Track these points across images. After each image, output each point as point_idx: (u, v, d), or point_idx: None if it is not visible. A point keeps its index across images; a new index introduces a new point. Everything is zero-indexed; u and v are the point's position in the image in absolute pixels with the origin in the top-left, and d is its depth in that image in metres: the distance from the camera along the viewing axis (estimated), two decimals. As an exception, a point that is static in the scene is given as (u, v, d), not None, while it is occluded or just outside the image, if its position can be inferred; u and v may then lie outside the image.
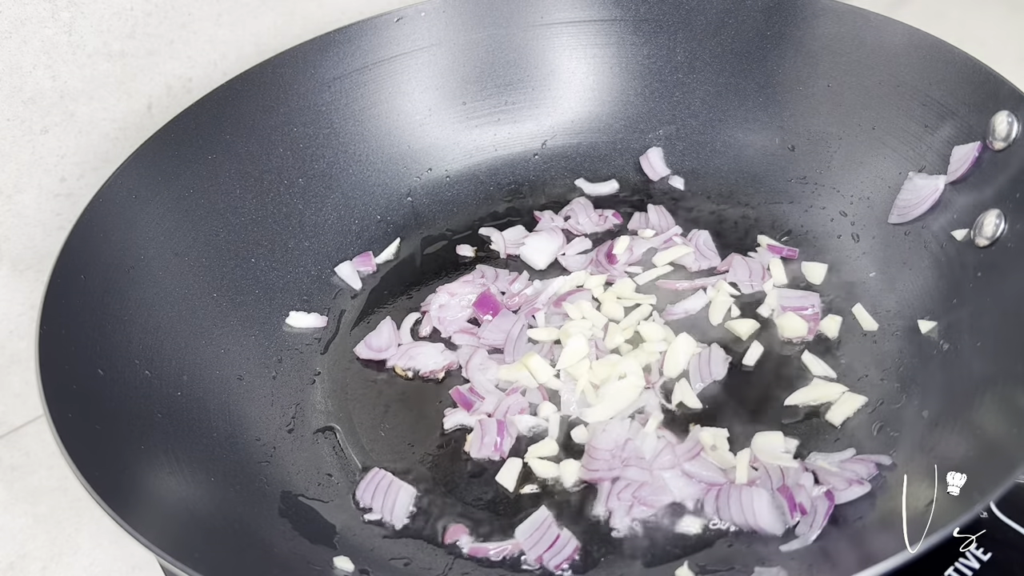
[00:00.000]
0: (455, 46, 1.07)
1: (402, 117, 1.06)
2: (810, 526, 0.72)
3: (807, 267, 0.94)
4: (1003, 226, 0.79)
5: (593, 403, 0.84)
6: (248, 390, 0.88)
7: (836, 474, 0.74)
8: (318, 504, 0.81)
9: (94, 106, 0.94)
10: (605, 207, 1.05)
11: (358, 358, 0.93)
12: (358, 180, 1.04)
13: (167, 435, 0.78)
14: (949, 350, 0.80)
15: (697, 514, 0.75)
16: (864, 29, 0.94)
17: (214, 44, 1.01)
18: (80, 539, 0.89)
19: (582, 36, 1.08)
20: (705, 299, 0.92)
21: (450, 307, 0.96)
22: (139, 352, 0.81)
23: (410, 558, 0.76)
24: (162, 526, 0.68)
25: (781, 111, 1.01)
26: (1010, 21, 1.32)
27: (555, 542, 0.74)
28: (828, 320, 0.88)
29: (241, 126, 0.97)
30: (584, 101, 1.10)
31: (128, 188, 0.87)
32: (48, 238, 0.95)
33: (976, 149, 0.84)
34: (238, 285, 0.93)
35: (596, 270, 0.98)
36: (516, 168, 1.10)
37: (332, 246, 1.01)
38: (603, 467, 0.79)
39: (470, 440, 0.83)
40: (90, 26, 0.91)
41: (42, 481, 0.93)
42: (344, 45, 1.02)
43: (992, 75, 0.84)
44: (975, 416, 0.71)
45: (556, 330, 0.91)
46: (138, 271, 0.85)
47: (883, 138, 0.93)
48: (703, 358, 0.86)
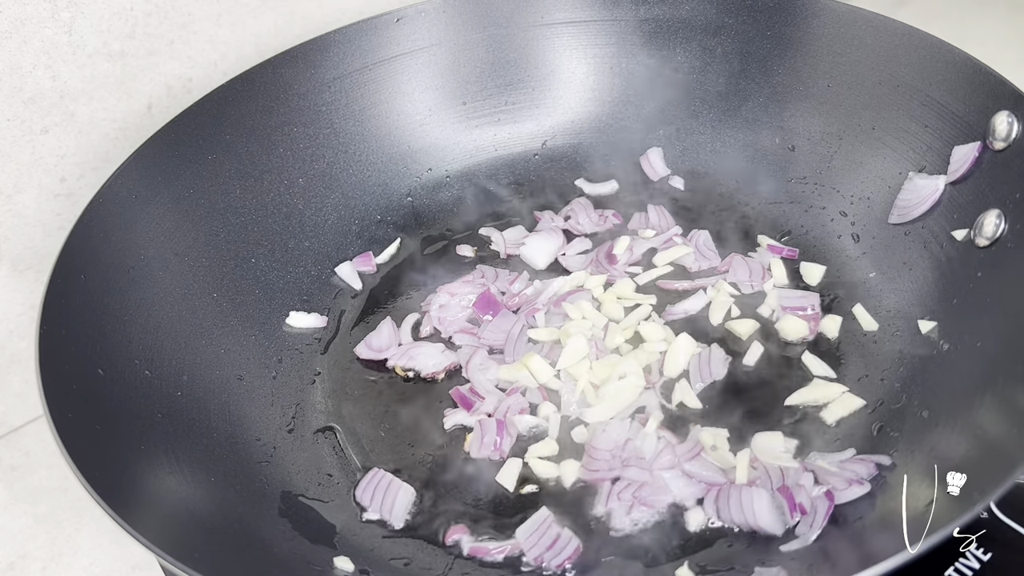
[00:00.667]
0: (455, 46, 1.07)
1: (402, 117, 1.06)
2: (810, 526, 0.72)
3: (805, 268, 0.94)
4: (1003, 226, 0.79)
5: (593, 403, 0.84)
6: (248, 390, 0.88)
7: (836, 474, 0.74)
8: (318, 504, 0.81)
9: (94, 106, 0.94)
10: (605, 207, 1.05)
11: (358, 358, 0.93)
12: (358, 180, 1.04)
13: (167, 435, 0.78)
14: (949, 350, 0.80)
15: (697, 514, 0.75)
16: (864, 29, 0.94)
17: (214, 44, 1.01)
18: (80, 539, 0.89)
19: (582, 36, 1.08)
20: (705, 299, 0.92)
21: (450, 307, 0.96)
22: (139, 352, 0.81)
23: (410, 558, 0.76)
24: (162, 526, 0.68)
25: (781, 111, 1.01)
26: (1010, 21, 1.32)
27: (555, 542, 0.74)
28: (828, 320, 0.88)
29: (241, 126, 0.97)
30: (584, 101, 1.10)
31: (128, 188, 0.87)
32: (48, 238, 0.95)
33: (976, 149, 0.84)
34: (238, 285, 0.93)
35: (596, 270, 0.98)
36: (516, 168, 1.10)
37: (332, 246, 1.01)
38: (603, 467, 0.79)
39: (470, 440, 0.83)
40: (90, 26, 0.91)
41: (42, 481, 0.93)
42: (344, 45, 1.02)
43: (992, 75, 0.84)
44: (975, 416, 0.71)
45: (556, 330, 0.91)
46: (138, 271, 0.85)
47: (883, 138, 0.93)
48: (703, 358, 0.86)
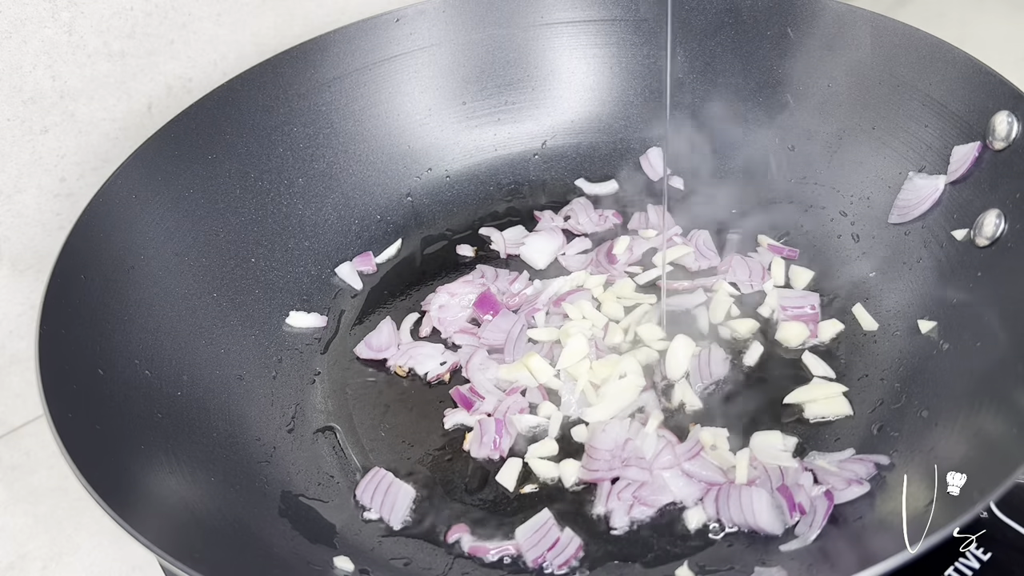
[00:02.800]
0: (455, 46, 1.07)
1: (402, 117, 1.06)
2: (809, 526, 0.72)
3: (794, 271, 0.94)
4: (1003, 226, 0.79)
5: (593, 403, 0.84)
6: (248, 390, 0.88)
7: (835, 474, 0.74)
8: (318, 504, 0.81)
9: (94, 106, 0.94)
10: (605, 207, 1.05)
11: (358, 358, 0.93)
12: (358, 180, 1.04)
13: (167, 435, 0.78)
14: (949, 350, 0.80)
15: (697, 514, 0.75)
16: (864, 29, 0.94)
17: (214, 44, 1.01)
18: (80, 539, 0.89)
19: (582, 36, 1.08)
20: (705, 299, 0.92)
21: (450, 307, 0.96)
22: (139, 352, 0.81)
23: (410, 558, 0.76)
24: (162, 526, 0.68)
25: (781, 111, 1.01)
26: (1010, 21, 1.32)
27: (556, 543, 0.74)
28: (828, 321, 0.88)
29: (241, 126, 0.97)
30: (584, 101, 1.10)
31: (128, 188, 0.87)
32: (48, 238, 0.95)
33: (976, 149, 0.83)
34: (238, 285, 0.93)
35: (596, 270, 0.98)
36: (516, 168, 1.10)
37: (332, 246, 1.01)
38: (603, 467, 0.79)
39: (469, 439, 0.84)
40: (90, 26, 0.91)
41: (42, 481, 0.93)
42: (344, 45, 1.02)
43: (992, 75, 0.83)
44: (975, 416, 0.71)
45: (556, 330, 0.91)
46: (138, 271, 0.85)
47: (883, 138, 0.93)
48: (703, 358, 0.86)
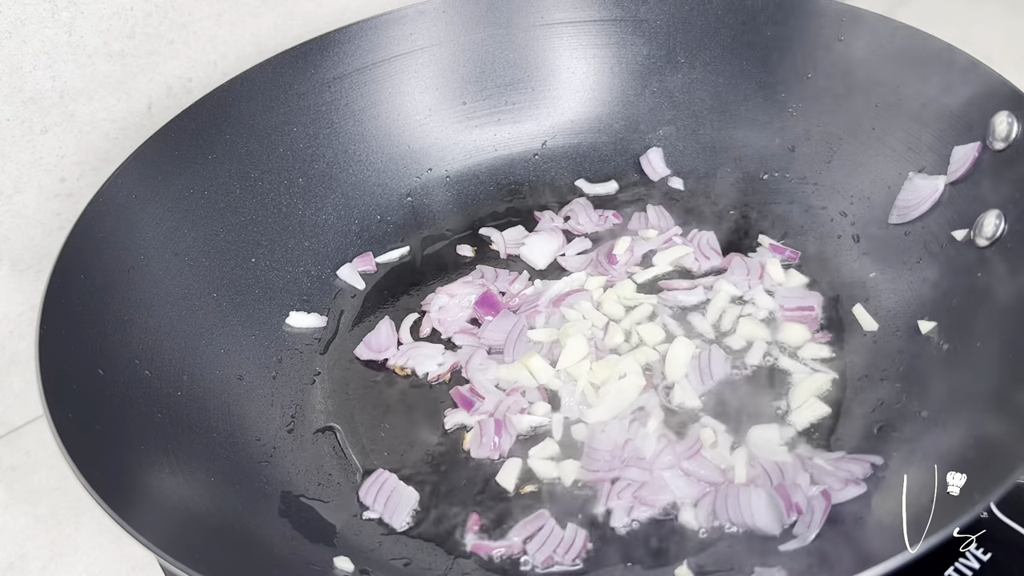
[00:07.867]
0: (455, 46, 1.07)
1: (402, 117, 1.06)
2: (808, 526, 0.72)
3: (793, 272, 0.94)
4: (1003, 226, 0.79)
5: (593, 403, 0.84)
6: (248, 390, 0.88)
7: (832, 473, 0.74)
8: (318, 504, 0.81)
9: (94, 106, 0.94)
10: (605, 207, 1.05)
11: (358, 358, 0.93)
12: (358, 180, 1.04)
13: (167, 435, 0.78)
14: (949, 350, 0.80)
15: (697, 514, 0.75)
16: (864, 29, 0.94)
17: (214, 44, 1.01)
18: (80, 539, 0.89)
19: (582, 36, 1.08)
20: (705, 299, 0.92)
21: (450, 308, 0.95)
22: (139, 352, 0.81)
23: (410, 558, 0.76)
24: (162, 526, 0.68)
25: (781, 111, 1.01)
26: (1010, 21, 1.32)
27: (556, 543, 0.74)
28: (828, 320, 0.88)
29: (241, 126, 0.97)
30: (584, 101, 1.10)
31: (128, 188, 0.87)
32: (48, 238, 0.95)
33: (976, 149, 0.83)
34: (238, 285, 0.93)
35: (596, 271, 0.98)
36: (516, 168, 1.10)
37: (332, 246, 1.01)
38: (603, 467, 0.79)
39: (469, 439, 0.84)
40: (90, 26, 0.91)
41: (42, 481, 0.93)
42: (344, 45, 1.02)
43: (992, 75, 0.83)
44: (975, 416, 0.71)
45: (556, 331, 0.91)
46: (138, 271, 0.85)
47: (883, 138, 0.93)
48: (703, 358, 0.86)
